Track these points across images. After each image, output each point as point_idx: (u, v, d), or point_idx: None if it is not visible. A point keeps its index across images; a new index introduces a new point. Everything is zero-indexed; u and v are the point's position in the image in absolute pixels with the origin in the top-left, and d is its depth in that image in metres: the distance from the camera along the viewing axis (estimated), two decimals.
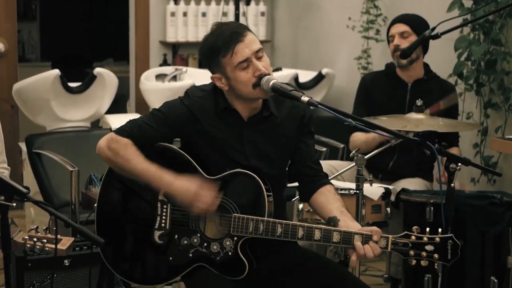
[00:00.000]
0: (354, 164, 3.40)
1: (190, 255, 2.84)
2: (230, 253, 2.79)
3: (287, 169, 3.02)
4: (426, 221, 3.53)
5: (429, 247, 2.66)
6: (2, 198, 2.29)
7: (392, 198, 3.66)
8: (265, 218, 2.75)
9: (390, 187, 3.71)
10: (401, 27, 4.15)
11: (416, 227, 2.69)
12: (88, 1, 9.26)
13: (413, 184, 4.04)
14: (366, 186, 3.40)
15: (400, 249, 2.68)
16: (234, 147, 2.87)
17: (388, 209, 3.61)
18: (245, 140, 2.88)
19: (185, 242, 2.84)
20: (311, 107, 2.81)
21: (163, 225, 2.87)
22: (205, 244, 2.82)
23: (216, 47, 2.78)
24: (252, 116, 2.88)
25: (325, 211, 2.85)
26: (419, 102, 3.64)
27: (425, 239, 2.66)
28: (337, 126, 4.64)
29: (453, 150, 4.10)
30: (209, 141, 2.87)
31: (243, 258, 2.77)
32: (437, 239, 2.65)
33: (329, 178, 3.10)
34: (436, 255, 2.65)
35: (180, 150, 2.91)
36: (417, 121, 3.56)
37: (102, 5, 9.13)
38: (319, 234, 2.70)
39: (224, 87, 2.83)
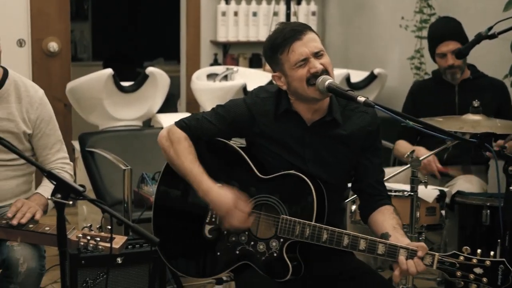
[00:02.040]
0: (408, 165, 3.36)
1: (237, 252, 2.84)
2: (275, 254, 2.78)
3: (349, 182, 2.99)
4: (482, 224, 3.47)
5: (478, 270, 2.51)
6: (59, 196, 2.30)
7: (447, 200, 3.60)
8: (312, 223, 2.72)
9: (445, 189, 3.65)
10: (452, 45, 4.13)
11: (466, 247, 2.56)
12: (139, 1, 9.31)
13: (468, 182, 3.96)
14: (420, 188, 3.36)
15: (446, 269, 2.55)
16: (293, 150, 2.85)
17: (443, 212, 3.55)
18: (306, 144, 2.85)
19: (233, 238, 2.85)
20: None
21: (213, 219, 2.90)
22: (252, 243, 2.82)
23: (275, 44, 2.78)
24: (315, 121, 2.85)
25: (379, 228, 2.79)
26: (476, 103, 3.58)
27: (474, 261, 2.52)
28: (389, 127, 4.59)
29: None
30: (267, 143, 2.87)
31: (287, 261, 2.75)
32: (488, 262, 2.50)
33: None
34: (484, 279, 2.50)
35: (237, 148, 2.92)
36: (473, 122, 3.50)
37: (153, 4, 9.18)
38: (364, 244, 2.65)
39: (283, 86, 2.82)
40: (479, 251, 2.53)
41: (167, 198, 3.01)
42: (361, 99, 2.63)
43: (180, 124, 2.92)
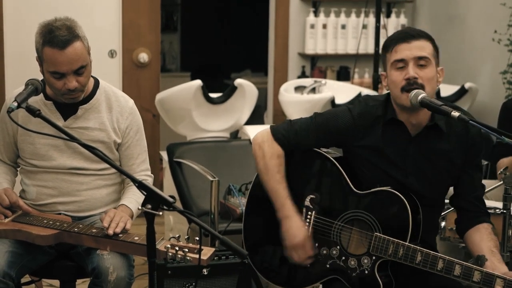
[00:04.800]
0: (501, 182, 3.27)
1: (327, 266, 2.84)
2: (366, 272, 2.75)
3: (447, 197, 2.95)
4: None
5: None
6: (149, 206, 2.31)
7: None
8: (406, 243, 2.68)
9: None
10: None
11: None
12: (227, 13, 9.38)
13: None
14: None
15: None
16: (395, 163, 2.81)
17: None
18: (409, 157, 2.81)
19: (324, 252, 2.85)
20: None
21: None
22: (343, 258, 2.80)
23: (387, 42, 2.80)
24: (419, 131, 2.81)
25: (476, 248, 2.75)
26: None
27: None
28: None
29: None
30: (368, 154, 2.84)
31: (379, 279, 2.72)
32: None
33: None
34: None
35: (334, 160, 2.89)
36: None
37: (241, 17, 9.23)
38: (459, 270, 2.59)
39: (386, 87, 2.82)
40: None
41: (257, 207, 3.03)
42: (455, 114, 2.58)
43: (277, 136, 2.90)
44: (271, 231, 2.95)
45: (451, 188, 2.93)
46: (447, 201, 3.03)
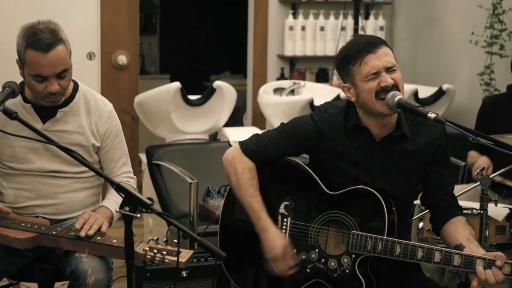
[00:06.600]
0: (478, 183, 3.30)
1: (308, 270, 2.83)
2: (347, 271, 2.75)
3: (419, 196, 2.98)
4: None
5: None
6: (127, 209, 2.31)
7: None
8: (384, 237, 2.70)
9: None
10: None
11: None
12: (206, 15, 9.39)
13: None
14: (490, 206, 3.29)
15: None
16: (362, 167, 2.83)
17: None
18: (375, 161, 2.83)
19: (303, 256, 2.84)
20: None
21: None
22: (323, 260, 2.80)
23: (348, 55, 2.76)
24: (384, 136, 2.82)
25: (452, 240, 2.78)
26: None
27: None
28: (458, 144, 4.53)
29: None
30: (335, 159, 2.85)
31: (360, 277, 2.73)
32: None
33: None
34: None
35: (304, 165, 2.91)
36: None
37: (220, 19, 9.24)
38: (439, 256, 2.62)
39: (352, 98, 2.81)
40: None
41: (233, 215, 3.02)
42: (432, 115, 2.60)
43: (247, 152, 2.92)
44: (246, 239, 2.94)
45: None
46: (418, 202, 3.07)
